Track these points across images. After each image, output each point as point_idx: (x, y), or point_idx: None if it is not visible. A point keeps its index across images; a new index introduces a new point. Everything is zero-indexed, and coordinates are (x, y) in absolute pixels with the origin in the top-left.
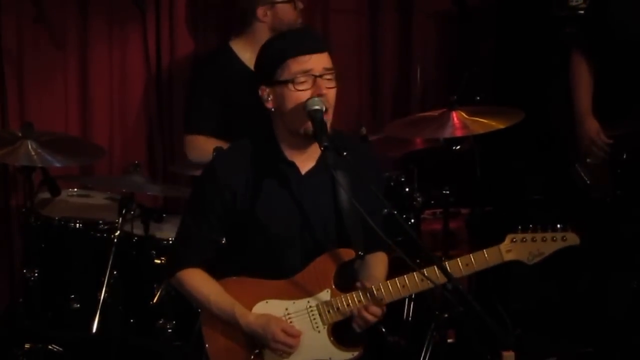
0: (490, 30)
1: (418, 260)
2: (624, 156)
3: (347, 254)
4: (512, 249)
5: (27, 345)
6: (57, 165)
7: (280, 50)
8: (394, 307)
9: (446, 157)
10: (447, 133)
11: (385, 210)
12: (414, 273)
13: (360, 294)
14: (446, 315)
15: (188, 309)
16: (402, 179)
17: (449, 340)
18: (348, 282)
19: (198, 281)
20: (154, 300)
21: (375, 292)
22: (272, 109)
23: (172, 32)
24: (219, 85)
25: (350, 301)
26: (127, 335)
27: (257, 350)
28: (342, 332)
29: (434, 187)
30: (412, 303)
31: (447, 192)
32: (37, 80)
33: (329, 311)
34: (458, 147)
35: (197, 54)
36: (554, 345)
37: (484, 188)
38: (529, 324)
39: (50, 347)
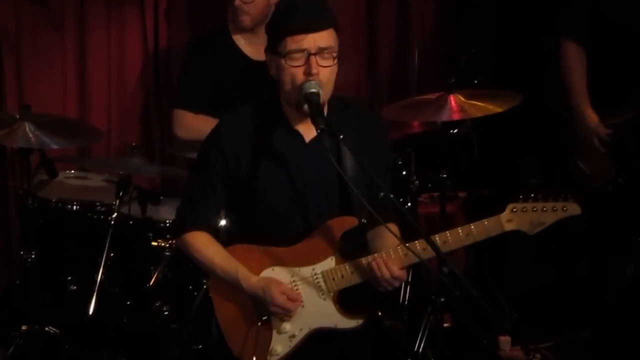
0: (488, 14)
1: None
2: (625, 143)
3: (351, 221)
4: (512, 218)
5: (24, 327)
6: (55, 147)
7: (279, 23)
8: (390, 291)
9: (443, 140)
10: (445, 116)
11: (382, 194)
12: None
13: (364, 261)
14: (442, 300)
15: (185, 291)
16: (399, 163)
17: (446, 325)
18: (352, 249)
19: (203, 244)
20: (151, 283)
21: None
22: (274, 77)
23: (170, 14)
24: (211, 66)
25: (354, 269)
26: (124, 317)
27: (264, 317)
28: (347, 299)
29: (431, 171)
30: (409, 287)
31: (444, 175)
32: (35, 62)
33: (333, 279)
34: (455, 130)
35: (194, 35)
36: (551, 330)
37: (482, 171)
38: (525, 308)
39: (47, 328)
